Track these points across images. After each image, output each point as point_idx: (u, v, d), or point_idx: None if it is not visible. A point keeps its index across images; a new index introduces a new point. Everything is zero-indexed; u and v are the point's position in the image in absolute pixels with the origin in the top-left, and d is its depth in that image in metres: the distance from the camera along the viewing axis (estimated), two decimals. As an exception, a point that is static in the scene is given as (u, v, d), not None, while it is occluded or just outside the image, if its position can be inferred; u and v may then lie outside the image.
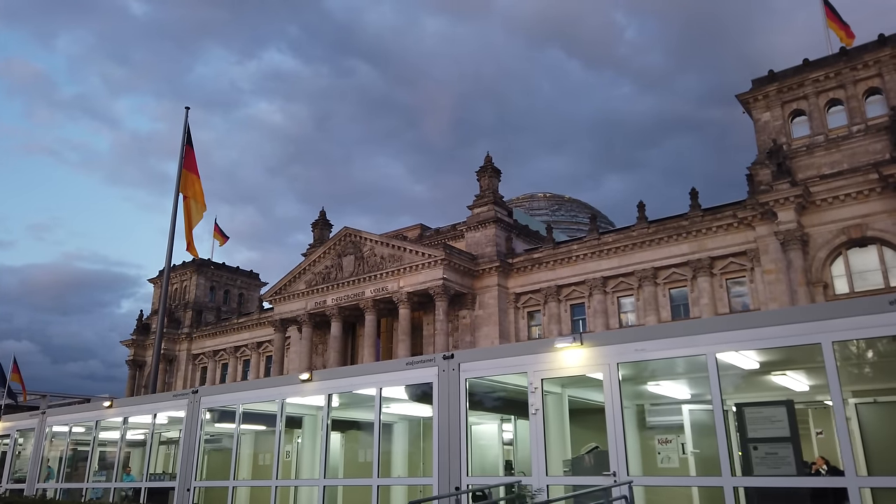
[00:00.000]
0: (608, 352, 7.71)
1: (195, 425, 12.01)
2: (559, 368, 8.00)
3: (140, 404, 15.10)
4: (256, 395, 11.97)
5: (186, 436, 12.11)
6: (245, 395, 11.99)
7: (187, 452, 11.85)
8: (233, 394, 12.33)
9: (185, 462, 11.77)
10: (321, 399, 11.23)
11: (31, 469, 16.68)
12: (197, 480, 11.79)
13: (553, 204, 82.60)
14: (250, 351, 73.19)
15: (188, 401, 12.48)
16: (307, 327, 62.47)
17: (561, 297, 55.19)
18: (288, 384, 11.31)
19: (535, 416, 7.90)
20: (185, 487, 11.65)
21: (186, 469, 11.69)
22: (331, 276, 61.43)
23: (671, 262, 50.75)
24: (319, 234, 69.80)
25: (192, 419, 12.04)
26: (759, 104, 49.86)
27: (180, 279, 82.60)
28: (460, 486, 7.86)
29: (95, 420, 15.52)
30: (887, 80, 45.36)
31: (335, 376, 10.80)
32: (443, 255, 54.71)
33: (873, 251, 43.94)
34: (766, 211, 46.15)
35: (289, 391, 11.08)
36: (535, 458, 7.80)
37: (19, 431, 18.41)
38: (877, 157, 43.89)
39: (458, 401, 8.32)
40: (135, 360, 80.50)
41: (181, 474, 11.79)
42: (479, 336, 56.22)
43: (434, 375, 8.66)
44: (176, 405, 13.17)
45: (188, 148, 33.26)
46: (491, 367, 8.51)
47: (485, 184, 60.28)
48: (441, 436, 8.32)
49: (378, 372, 9.79)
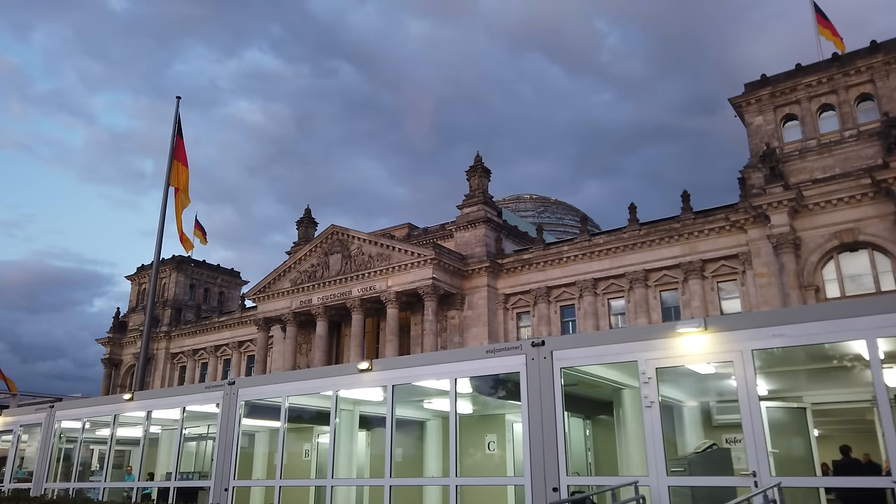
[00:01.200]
0: (740, 337, 6.89)
1: (232, 420, 10.97)
2: (678, 356, 7.18)
3: (166, 397, 13.94)
4: (305, 387, 10.92)
5: (223, 432, 11.05)
6: (291, 386, 10.91)
7: (224, 450, 10.81)
8: (277, 385, 11.24)
9: (222, 460, 10.74)
10: (374, 392, 10.34)
11: (38, 467, 15.44)
12: (236, 479, 10.75)
13: (539, 206, 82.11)
14: (231, 350, 71.52)
15: (223, 393, 11.39)
16: (292, 326, 61.12)
17: (551, 299, 54.58)
18: (342, 374, 10.31)
19: (651, 410, 7.07)
20: (223, 487, 10.61)
21: (223, 468, 10.65)
22: (317, 275, 60.17)
23: (662, 264, 50.38)
24: (304, 233, 68.52)
25: (229, 413, 10.99)
26: (751, 108, 49.75)
27: (159, 276, 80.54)
28: (558, 487, 7.02)
29: (113, 414, 14.33)
30: (879, 86, 45.48)
31: (398, 366, 9.82)
32: (433, 255, 53.81)
33: (864, 255, 43.95)
34: (758, 214, 45.99)
35: (344, 382, 10.07)
36: (651, 457, 6.96)
37: (23, 427, 17.13)
38: (869, 162, 43.93)
39: (551, 393, 7.44)
40: (111, 359, 78.30)
41: (217, 473, 10.75)
42: (468, 337, 55.38)
43: (521, 364, 7.78)
44: (208, 398, 12.07)
45: (178, 139, 32.10)
46: (591, 355, 7.62)
47: (474, 183, 59.51)
48: (534, 431, 7.45)
49: (451, 361, 8.87)
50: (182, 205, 31.82)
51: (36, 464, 15.54)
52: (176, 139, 31.98)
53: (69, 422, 15.65)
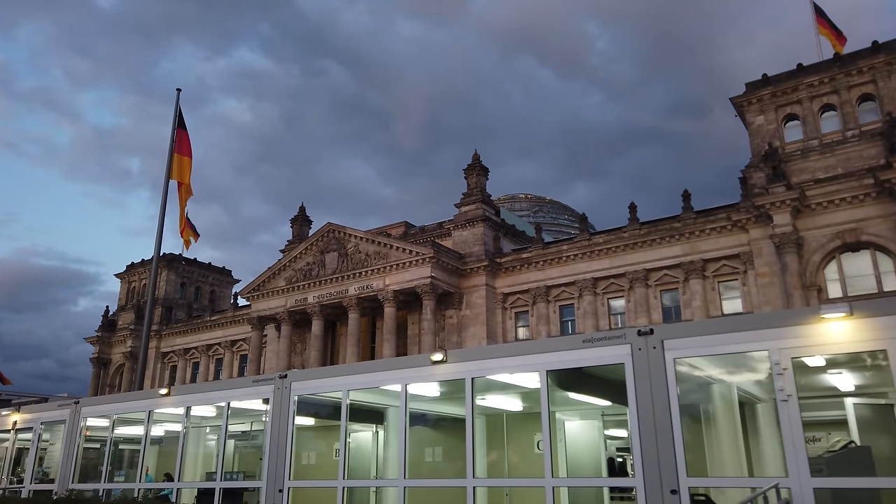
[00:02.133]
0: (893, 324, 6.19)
1: (285, 416, 10.09)
2: (820, 345, 6.47)
3: (209, 391, 12.96)
4: (368, 381, 10.03)
5: (274, 429, 10.16)
6: (353, 380, 9.99)
7: (276, 448, 9.94)
8: (337, 378, 10.34)
9: (275, 459, 9.87)
10: (439, 387, 9.55)
11: (62, 467, 14.40)
12: (292, 480, 9.87)
13: (534, 205, 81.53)
14: (223, 349, 70.24)
15: (274, 387, 10.49)
16: (287, 325, 60.03)
17: (550, 298, 53.96)
18: (413, 367, 9.47)
19: (787, 403, 6.32)
20: (277, 489, 9.75)
21: (276, 468, 9.79)
22: (312, 273, 59.15)
23: (663, 263, 49.90)
24: (299, 231, 67.46)
25: (281, 408, 10.11)
26: (752, 108, 49.45)
27: (149, 274, 78.94)
28: (678, 489, 6.30)
29: (147, 411, 13.26)
30: (881, 86, 45.31)
31: (478, 357, 9.01)
32: (431, 254, 53.01)
33: (866, 256, 43.73)
34: (760, 214, 45.64)
35: (414, 375, 9.24)
36: (791, 457, 6.23)
37: (44, 425, 16.10)
38: (871, 162, 43.70)
39: (664, 385, 6.70)
40: (99, 358, 76.69)
41: (270, 473, 9.89)
42: (466, 336, 54.63)
43: (625, 355, 7.03)
44: (255, 392, 11.13)
45: (180, 131, 31.23)
46: (710, 344, 6.90)
47: (473, 182, 58.78)
48: (644, 428, 6.71)
49: (540, 351, 8.10)
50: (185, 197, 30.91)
51: (60, 463, 14.56)
52: (177, 131, 31.18)
53: (96, 419, 14.67)
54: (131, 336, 74.64)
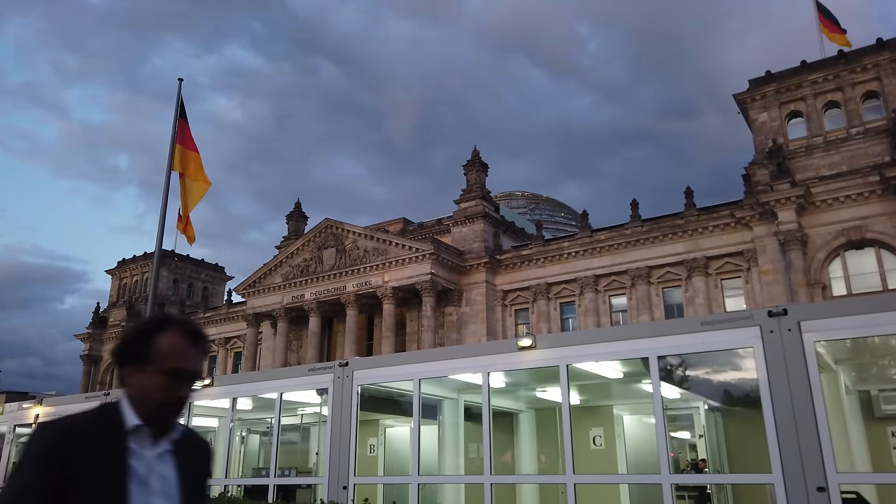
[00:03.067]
0: None
1: (347, 407, 9.14)
2: None
3: (258, 381, 11.91)
4: (443, 369, 9.10)
5: (335, 421, 9.24)
6: (427, 367, 9.07)
7: (338, 442, 9.01)
8: (407, 366, 9.41)
9: (336, 454, 8.95)
10: (505, 377, 8.68)
11: None
12: (357, 476, 8.93)
13: (531, 203, 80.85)
14: (217, 347, 68.93)
15: (333, 376, 9.56)
16: (283, 322, 58.93)
17: (551, 296, 53.24)
18: (497, 353, 8.55)
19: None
20: (340, 485, 8.81)
21: (339, 463, 8.87)
22: (310, 270, 58.10)
23: (665, 261, 49.30)
24: (295, 227, 66.37)
25: (343, 399, 9.15)
26: (756, 104, 48.96)
27: (141, 270, 77.61)
28: (825, 486, 5.53)
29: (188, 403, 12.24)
30: (886, 83, 44.94)
31: (572, 342, 8.09)
32: (431, 250, 52.13)
33: (870, 253, 43.35)
34: (764, 211, 45.13)
35: (498, 362, 8.33)
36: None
37: None
38: (876, 159, 43.31)
39: (803, 371, 5.92)
40: (90, 356, 75.11)
41: (332, 469, 8.96)
42: (466, 333, 53.81)
43: (754, 338, 6.24)
44: (311, 382, 10.18)
45: (182, 122, 30.29)
46: (856, 325, 6.13)
47: (472, 178, 57.97)
48: (782, 419, 5.92)
49: (651, 335, 7.25)
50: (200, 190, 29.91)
51: None
52: (179, 123, 30.24)
53: None
54: (123, 333, 73.07)
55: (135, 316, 74.67)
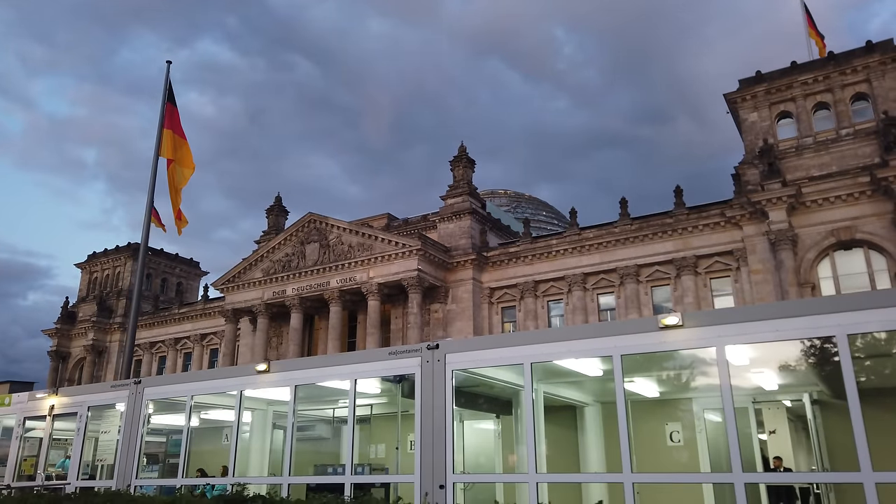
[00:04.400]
0: None
1: (440, 395, 7.88)
2: None
3: (328, 366, 10.47)
4: (561, 350, 7.80)
5: (426, 412, 7.96)
6: (539, 350, 7.72)
7: (431, 435, 7.78)
8: (515, 348, 8.08)
9: (430, 449, 7.73)
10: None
11: (121, 460, 11.70)
12: (456, 474, 7.66)
13: (513, 201, 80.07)
14: (192, 343, 66.79)
15: (421, 360, 8.30)
16: (263, 318, 57.14)
17: (538, 293, 52.42)
18: (632, 332, 7.27)
19: None
20: (437, 484, 7.59)
21: (434, 460, 7.65)
22: (292, 265, 56.43)
23: (654, 259, 48.77)
24: (275, 221, 64.55)
25: (435, 386, 7.87)
26: (746, 104, 48.69)
27: (112, 264, 74.86)
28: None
29: (239, 390, 10.72)
30: (875, 85, 44.96)
31: (733, 319, 6.93)
32: (419, 246, 50.91)
33: (859, 254, 43.33)
34: (755, 210, 44.88)
35: (632, 345, 7.09)
36: None
37: (92, 409, 13.23)
38: (865, 160, 43.30)
39: None
40: (58, 352, 72.24)
41: (424, 466, 7.74)
42: (452, 331, 52.67)
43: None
44: (393, 366, 8.86)
45: (170, 106, 28.84)
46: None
47: (459, 174, 56.89)
48: None
49: (834, 310, 6.20)
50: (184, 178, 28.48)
51: (118, 455, 11.82)
52: (167, 107, 28.77)
53: (170, 399, 12.01)
54: (93, 329, 70.43)
55: (106, 311, 72.11)
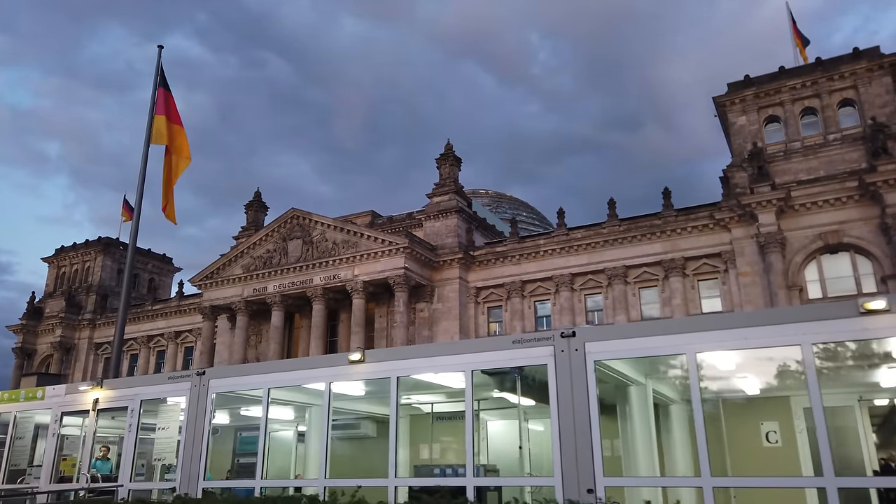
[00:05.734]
0: None
1: (581, 390, 6.86)
2: None
3: (433, 356, 9.27)
4: (736, 338, 6.85)
5: (564, 408, 6.94)
6: (708, 337, 6.56)
7: (573, 435, 6.75)
8: (672, 336, 7.08)
9: (572, 450, 6.72)
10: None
11: (185, 460, 10.45)
12: (608, 476, 6.59)
13: (494, 201, 79.39)
14: (166, 341, 64.57)
15: (554, 349, 7.14)
16: (243, 316, 55.38)
17: (525, 293, 51.72)
18: (828, 318, 6.34)
19: None
20: (584, 488, 6.59)
21: (576, 460, 6.64)
22: (273, 261, 54.82)
23: (643, 260, 48.47)
24: (254, 217, 62.78)
25: (573, 379, 6.86)
26: (735, 108, 48.73)
27: (82, 259, 72.07)
28: None
29: (328, 381, 9.46)
30: (862, 91, 45.30)
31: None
32: (406, 243, 49.79)
33: (846, 258, 43.55)
34: (744, 213, 44.86)
35: (830, 331, 6.16)
36: None
37: (146, 404, 11.85)
38: (853, 165, 43.55)
39: None
40: (23, 348, 69.26)
41: (566, 468, 6.72)
42: (438, 331, 51.72)
43: None
44: (519, 355, 7.75)
45: (163, 91, 27.47)
46: None
47: (445, 172, 55.91)
48: None
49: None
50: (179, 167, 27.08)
51: (182, 455, 10.59)
52: (164, 94, 27.41)
53: (237, 393, 10.67)
54: (61, 325, 67.68)
55: (75, 307, 69.44)
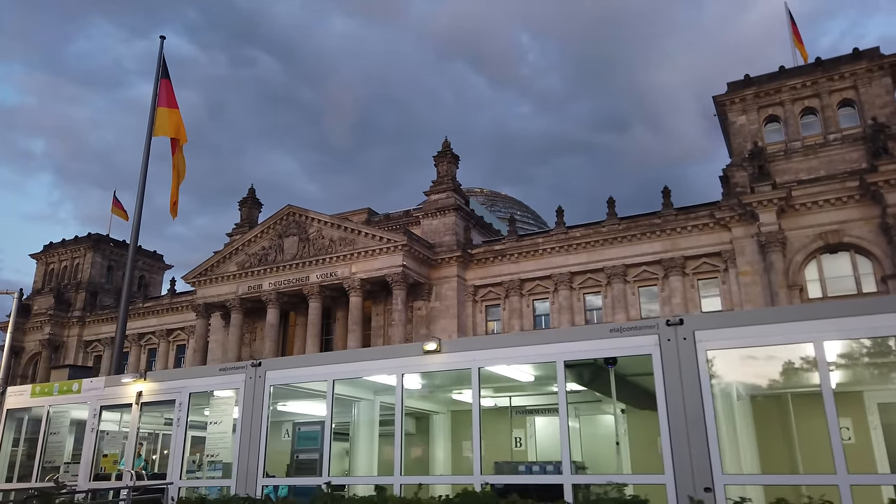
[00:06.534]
0: None
1: (692, 381, 6.22)
2: None
3: (517, 346, 8.51)
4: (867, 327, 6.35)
5: (673, 401, 6.38)
6: (835, 326, 6.38)
7: (685, 429, 6.14)
8: (806, 323, 6.61)
9: (684, 446, 6.11)
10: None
11: (242, 457, 9.63)
12: (728, 474, 5.91)
13: (489, 199, 78.92)
14: (158, 339, 63.43)
15: (657, 337, 6.49)
16: (237, 313, 54.44)
17: (524, 292, 51.22)
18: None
19: None
20: (701, 486, 5.98)
21: (690, 456, 6.03)
22: (269, 259, 53.94)
23: (642, 259, 48.11)
24: (248, 214, 61.83)
25: (683, 370, 6.23)
26: (735, 107, 48.52)
27: (71, 256, 70.67)
28: None
29: (399, 373, 8.76)
30: (862, 92, 45.23)
31: None
32: (404, 241, 49.13)
33: (846, 257, 43.46)
34: (744, 212, 44.64)
35: None
36: None
37: (195, 396, 11.07)
38: (853, 165, 43.46)
39: None
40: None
41: (678, 465, 6.10)
42: (436, 329, 51.02)
43: None
44: (610, 346, 7.25)
45: (164, 81, 26.98)
46: None
47: (443, 169, 55.31)
48: None
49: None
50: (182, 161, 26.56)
51: (238, 452, 9.75)
52: (162, 82, 26.91)
53: (294, 385, 9.97)
54: (50, 322, 66.35)
55: (63, 304, 68.12)
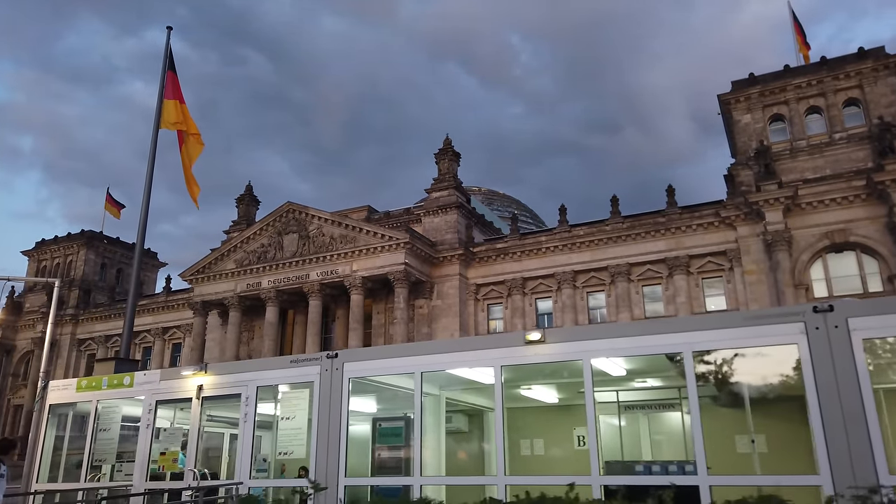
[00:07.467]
0: None
1: (848, 373, 5.57)
2: None
3: (641, 334, 7.71)
4: None
5: (824, 393, 5.64)
6: None
7: (849, 422, 5.39)
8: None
9: (842, 442, 5.32)
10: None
11: (320, 455, 8.88)
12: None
13: (487, 198, 78.32)
14: (153, 338, 62.24)
15: (803, 325, 5.84)
16: (236, 312, 53.43)
17: (526, 291, 50.57)
18: None
19: None
20: (866, 487, 5.28)
21: (850, 454, 5.24)
22: (268, 256, 52.98)
23: (646, 258, 47.57)
24: (245, 211, 60.81)
25: (835, 361, 5.59)
26: (740, 106, 48.09)
27: (64, 253, 69.30)
28: None
29: (497, 365, 7.99)
30: (867, 91, 44.92)
31: None
32: (406, 239, 48.33)
33: (851, 256, 43.16)
34: (750, 211, 44.24)
35: None
36: None
37: (263, 389, 10.21)
38: (859, 164, 43.15)
39: None
40: (2, 344, 66.43)
41: (836, 463, 5.33)
42: (437, 328, 50.34)
43: None
44: (751, 334, 6.56)
45: (171, 74, 26.18)
46: None
47: (444, 167, 54.59)
48: None
49: None
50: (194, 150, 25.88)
51: (316, 449, 8.98)
52: (168, 75, 26.13)
53: (371, 379, 9.25)
54: (42, 320, 65.05)
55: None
